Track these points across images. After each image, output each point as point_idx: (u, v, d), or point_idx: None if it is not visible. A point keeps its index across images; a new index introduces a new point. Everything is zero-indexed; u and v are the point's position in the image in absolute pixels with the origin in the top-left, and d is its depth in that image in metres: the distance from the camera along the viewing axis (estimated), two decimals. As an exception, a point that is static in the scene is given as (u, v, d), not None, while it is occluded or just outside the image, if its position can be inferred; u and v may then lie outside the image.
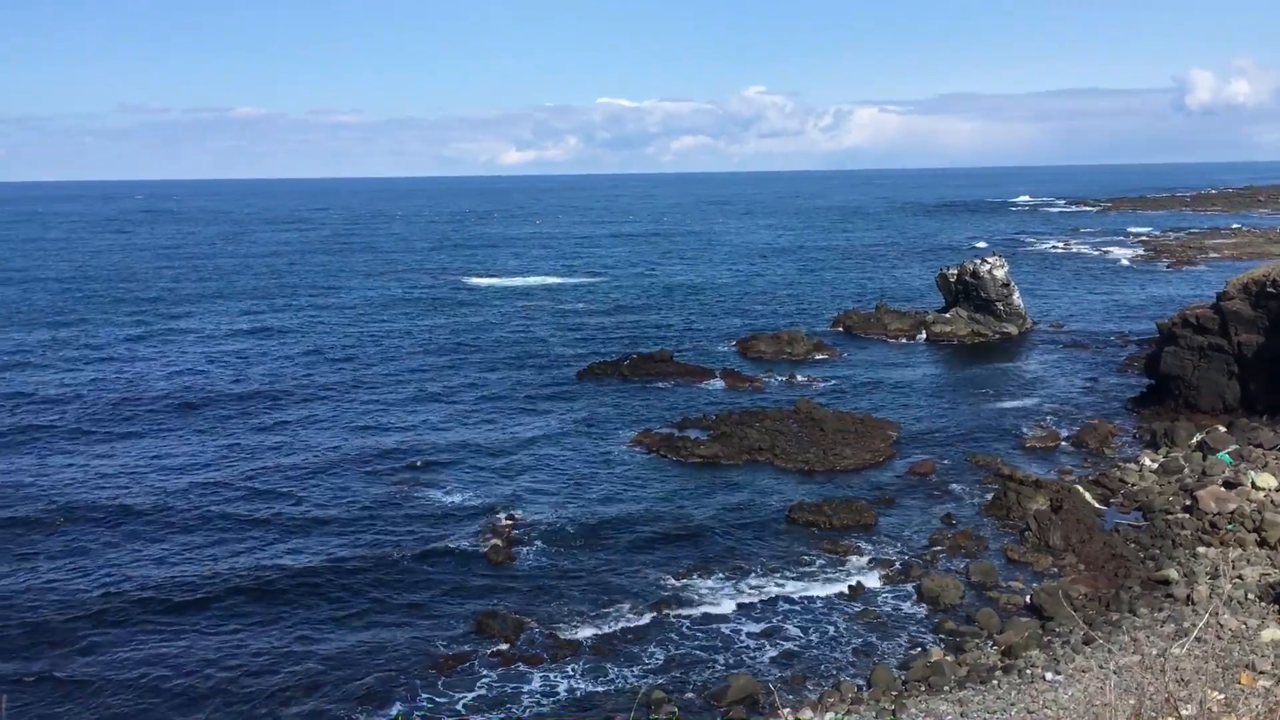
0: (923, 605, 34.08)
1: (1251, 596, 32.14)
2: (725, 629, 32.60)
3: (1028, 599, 34.03)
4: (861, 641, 31.78)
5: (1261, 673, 25.36)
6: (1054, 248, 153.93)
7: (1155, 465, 47.03)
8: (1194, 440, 49.36)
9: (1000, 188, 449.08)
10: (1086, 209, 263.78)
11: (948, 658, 30.35)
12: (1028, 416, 57.09)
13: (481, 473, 47.66)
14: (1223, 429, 50.45)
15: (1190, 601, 32.60)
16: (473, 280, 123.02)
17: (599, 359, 71.77)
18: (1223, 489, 41.12)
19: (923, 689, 28.19)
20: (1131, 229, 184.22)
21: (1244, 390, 52.79)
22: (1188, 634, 28.79)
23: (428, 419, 57.17)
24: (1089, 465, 48.62)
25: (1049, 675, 28.08)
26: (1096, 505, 42.35)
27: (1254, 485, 41.07)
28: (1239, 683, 22.42)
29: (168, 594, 34.42)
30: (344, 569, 36.59)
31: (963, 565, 37.00)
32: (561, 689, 29.13)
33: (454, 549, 38.60)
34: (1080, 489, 43.19)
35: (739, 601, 34.47)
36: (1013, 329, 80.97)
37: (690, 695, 28.68)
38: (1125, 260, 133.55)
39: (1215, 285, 69.60)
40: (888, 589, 35.43)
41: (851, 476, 47.41)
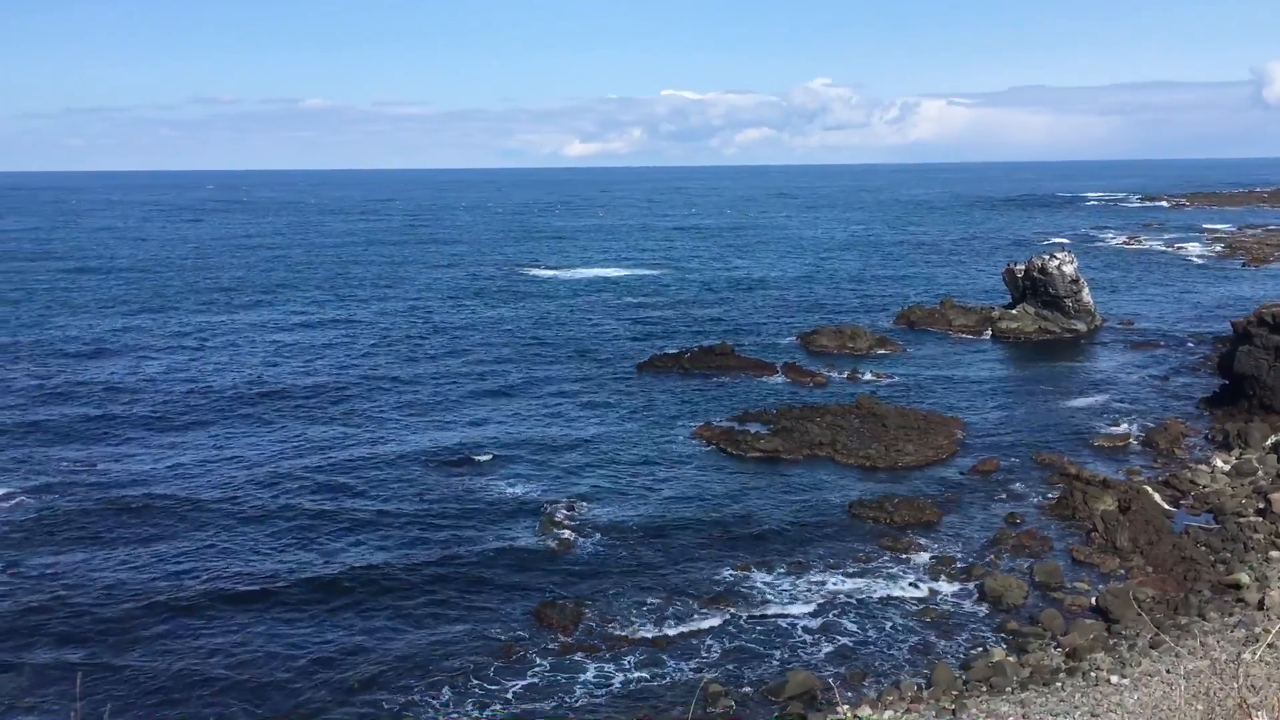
0: (984, 604, 33.69)
1: (1327, 603, 31.33)
2: (783, 624, 32.51)
3: (1093, 601, 33.47)
4: (921, 640, 31.51)
5: (1337, 681, 24.68)
6: (1125, 243, 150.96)
7: (1228, 467, 46.00)
8: (1269, 442, 48.20)
9: (1071, 182, 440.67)
10: (1160, 204, 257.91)
11: (1010, 658, 29.97)
12: (1095, 416, 56.07)
13: (543, 465, 47.99)
14: (1299, 431, 49.19)
15: (1262, 606, 31.85)
16: (535, 272, 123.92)
17: (660, 351, 71.90)
18: (1298, 492, 40.12)
19: (984, 689, 27.87)
20: (1207, 225, 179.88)
21: (1323, 391, 51.34)
22: (1260, 640, 28.09)
23: (491, 411, 57.69)
24: (1159, 466, 47.66)
25: (1114, 679, 27.57)
26: (1166, 506, 41.52)
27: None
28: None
29: (233, 586, 35.03)
30: (406, 561, 37.04)
31: (1026, 565, 36.49)
32: (616, 681, 29.20)
33: (515, 541, 38.93)
34: (1149, 490, 42.38)
35: (797, 596, 34.35)
36: (1081, 326, 79.48)
37: (747, 690, 28.66)
38: (1197, 258, 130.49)
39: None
40: (949, 587, 35.06)
41: (913, 473, 46.98)
